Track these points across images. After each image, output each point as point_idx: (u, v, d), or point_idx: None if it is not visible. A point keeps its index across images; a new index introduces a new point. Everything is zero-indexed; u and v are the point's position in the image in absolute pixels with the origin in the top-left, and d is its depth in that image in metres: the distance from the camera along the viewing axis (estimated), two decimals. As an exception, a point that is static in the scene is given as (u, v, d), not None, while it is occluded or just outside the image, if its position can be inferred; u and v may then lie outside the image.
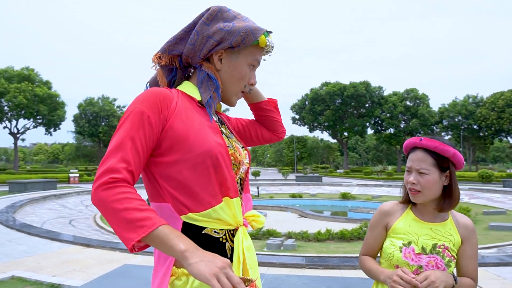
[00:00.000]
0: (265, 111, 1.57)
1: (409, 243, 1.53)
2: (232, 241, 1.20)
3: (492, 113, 51.10)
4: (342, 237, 10.44)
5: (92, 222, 12.79)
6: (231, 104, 1.36)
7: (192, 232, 1.13)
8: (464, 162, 1.59)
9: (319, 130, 62.93)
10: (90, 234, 9.51)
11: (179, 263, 1.10)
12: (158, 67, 1.32)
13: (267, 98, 1.59)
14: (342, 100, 58.26)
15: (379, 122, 60.02)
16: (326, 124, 59.65)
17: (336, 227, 11.18)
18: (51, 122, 47.29)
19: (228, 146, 1.25)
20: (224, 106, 1.49)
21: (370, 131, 65.31)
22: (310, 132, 64.53)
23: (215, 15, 1.26)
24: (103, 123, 56.72)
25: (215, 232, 1.17)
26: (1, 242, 7.42)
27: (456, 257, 1.54)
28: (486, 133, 54.66)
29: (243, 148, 1.37)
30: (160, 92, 1.16)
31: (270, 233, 10.61)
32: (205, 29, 1.24)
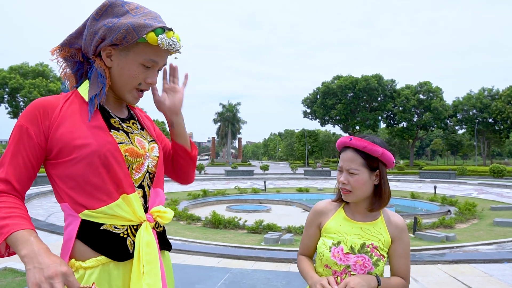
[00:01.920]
0: (180, 157, 1.47)
1: (339, 243, 1.53)
2: (135, 236, 1.21)
3: (508, 106, 50.09)
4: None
5: (97, 215, 13.01)
6: (128, 102, 1.35)
7: (91, 228, 1.17)
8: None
9: (331, 124, 62.60)
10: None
11: (78, 257, 1.16)
12: (60, 60, 1.34)
13: (188, 146, 1.46)
14: (354, 93, 57.76)
15: (392, 115, 59.38)
16: (337, 118, 59.30)
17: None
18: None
19: (123, 142, 1.25)
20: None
21: (382, 125, 64.69)
22: (322, 126, 64.24)
23: (104, 10, 1.24)
24: (115, 118, 57.41)
25: (115, 227, 1.19)
26: None
27: (386, 256, 1.54)
28: (502, 126, 53.68)
29: (152, 142, 1.37)
30: (41, 103, 1.21)
31: (270, 227, 10.66)
32: (93, 24, 1.24)
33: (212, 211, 12.15)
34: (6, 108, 47.52)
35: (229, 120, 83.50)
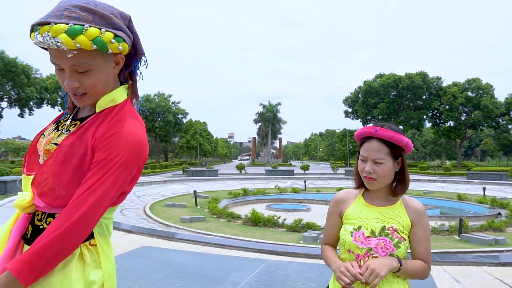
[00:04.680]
0: None
1: (359, 227, 1.58)
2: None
3: None
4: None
5: (141, 211, 13.53)
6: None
7: None
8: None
9: (373, 123, 61.00)
10: (136, 222, 10.11)
11: None
12: None
13: None
14: (397, 92, 56.10)
15: (437, 114, 57.09)
16: (380, 117, 57.81)
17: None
18: (112, 118, 50.00)
19: (43, 136, 1.33)
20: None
21: (427, 124, 62.34)
22: (364, 126, 62.83)
23: None
24: (159, 119, 59.23)
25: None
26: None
27: (407, 239, 1.57)
28: (560, 125, 50.12)
29: (51, 145, 1.27)
30: None
31: (309, 226, 10.65)
32: None
33: (252, 209, 12.29)
34: (60, 111, 50.29)
35: (269, 120, 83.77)
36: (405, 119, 56.46)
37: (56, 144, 1.24)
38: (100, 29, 1.11)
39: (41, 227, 1.22)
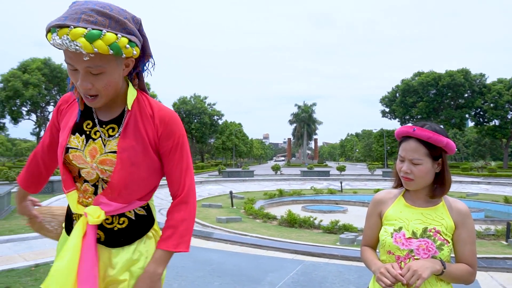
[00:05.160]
0: None
1: (400, 228, 1.54)
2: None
3: None
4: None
5: (179, 211, 13.79)
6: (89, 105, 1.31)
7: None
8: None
9: (411, 123, 59.20)
10: (174, 222, 10.33)
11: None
12: None
13: None
14: (437, 90, 54.21)
15: (481, 113, 54.64)
16: (419, 116, 56.06)
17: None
18: (150, 121, 51.43)
19: (74, 148, 1.33)
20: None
21: (470, 124, 59.80)
22: (401, 126, 61.19)
23: None
24: (195, 120, 60.28)
25: (70, 209, 1.43)
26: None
27: (450, 241, 1.52)
28: None
29: (110, 154, 1.31)
30: (62, 98, 1.48)
31: (346, 228, 10.49)
32: None
33: (288, 210, 12.27)
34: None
35: (304, 121, 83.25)
36: (445, 119, 54.43)
37: (112, 152, 1.30)
38: (116, 34, 1.14)
39: (115, 228, 1.36)
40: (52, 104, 48.14)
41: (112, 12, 1.16)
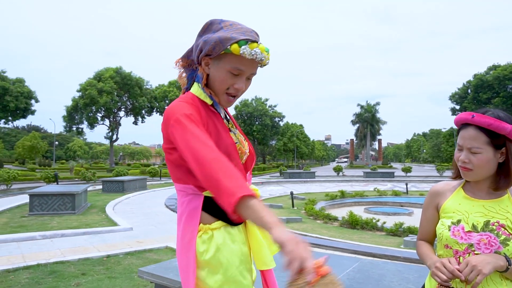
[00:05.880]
0: None
1: (459, 221, 1.45)
2: None
3: None
4: None
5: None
6: (222, 104, 1.56)
7: (210, 202, 1.48)
8: None
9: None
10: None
11: (204, 222, 1.47)
12: (181, 68, 1.67)
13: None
14: (516, 85, 49.97)
15: None
16: (494, 114, 52.05)
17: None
18: (213, 124, 52.91)
19: (236, 142, 1.54)
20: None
21: (555, 120, 54.30)
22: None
23: (206, 27, 1.50)
24: (256, 122, 60.99)
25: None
26: (164, 221, 9.09)
27: None
28: None
29: (245, 139, 1.64)
30: (191, 109, 1.44)
31: (411, 231, 10.03)
32: (197, 39, 1.52)
33: (349, 211, 12.01)
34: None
35: (367, 121, 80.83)
36: (526, 115, 50.01)
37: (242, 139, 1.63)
38: None
39: None
40: (122, 109, 51.28)
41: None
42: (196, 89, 1.56)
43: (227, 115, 1.65)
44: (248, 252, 1.55)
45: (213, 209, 1.48)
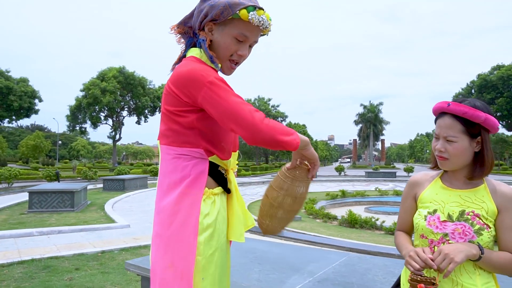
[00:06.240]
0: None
1: (435, 211, 1.46)
2: (227, 178, 1.61)
3: None
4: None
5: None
6: (224, 72, 1.56)
7: (213, 168, 1.52)
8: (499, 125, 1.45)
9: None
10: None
11: (208, 186, 1.49)
12: (176, 34, 1.64)
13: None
14: (520, 85, 49.62)
15: None
16: (499, 114, 51.70)
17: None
18: (216, 123, 52.90)
19: None
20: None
21: (559, 121, 53.90)
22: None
23: None
24: (259, 122, 60.96)
25: (222, 169, 1.57)
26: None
27: (492, 227, 1.40)
28: None
29: None
30: (211, 72, 1.43)
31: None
32: (201, 5, 1.50)
33: (349, 210, 11.98)
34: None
35: (370, 121, 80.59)
36: (530, 116, 49.69)
37: None
38: None
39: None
40: (125, 108, 51.42)
41: None
42: (198, 54, 1.53)
43: None
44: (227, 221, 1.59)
45: (215, 174, 1.52)
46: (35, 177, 25.72)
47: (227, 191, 1.57)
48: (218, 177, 1.53)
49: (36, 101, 48.64)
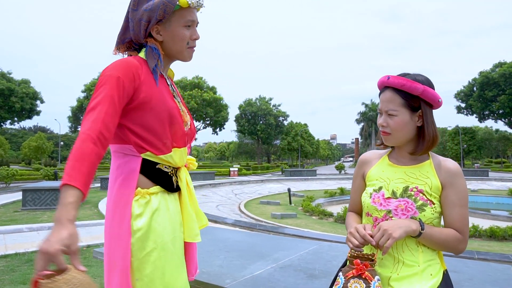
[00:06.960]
0: None
1: (380, 188, 1.44)
2: (177, 176, 1.56)
3: None
4: (492, 235, 9.14)
5: (236, 207, 14.08)
6: (184, 59, 1.57)
7: (149, 166, 1.46)
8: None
9: (492, 119, 54.62)
10: (229, 217, 10.57)
11: (141, 186, 1.44)
12: (123, 54, 1.60)
13: None
14: (522, 82, 49.34)
15: None
16: (501, 111, 51.43)
17: (501, 225, 9.81)
18: (217, 123, 53.01)
19: (180, 109, 1.55)
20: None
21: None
22: (480, 122, 56.62)
23: (137, 0, 1.47)
24: (261, 122, 60.90)
25: (165, 167, 1.50)
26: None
27: (435, 202, 1.38)
28: None
29: (188, 114, 1.63)
30: (134, 65, 1.42)
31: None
32: (135, 15, 1.48)
33: (345, 207, 11.95)
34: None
35: (372, 120, 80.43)
36: (532, 113, 49.39)
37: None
38: None
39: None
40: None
41: None
42: (143, 55, 1.53)
43: (173, 86, 1.63)
44: (181, 221, 1.54)
45: (152, 173, 1.46)
46: (35, 178, 25.82)
47: (172, 189, 1.51)
48: (157, 175, 1.46)
49: (38, 102, 48.84)
